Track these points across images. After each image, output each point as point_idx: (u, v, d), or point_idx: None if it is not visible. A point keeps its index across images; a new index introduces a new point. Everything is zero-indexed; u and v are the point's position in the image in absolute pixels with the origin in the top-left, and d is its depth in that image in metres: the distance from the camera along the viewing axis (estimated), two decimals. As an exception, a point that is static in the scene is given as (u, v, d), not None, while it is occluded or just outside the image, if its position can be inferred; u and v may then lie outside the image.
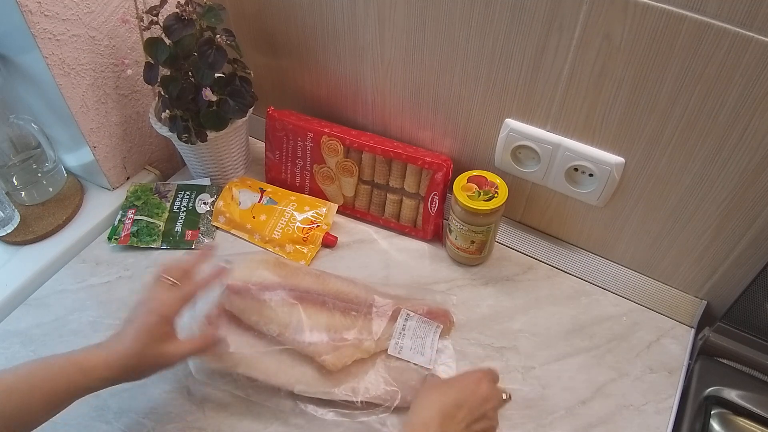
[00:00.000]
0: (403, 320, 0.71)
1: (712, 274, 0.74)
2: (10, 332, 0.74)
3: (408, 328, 0.71)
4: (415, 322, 0.71)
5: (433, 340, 0.71)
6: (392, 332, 0.70)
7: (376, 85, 0.82)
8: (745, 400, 0.67)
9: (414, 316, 0.72)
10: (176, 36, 0.72)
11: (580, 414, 0.67)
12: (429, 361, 0.69)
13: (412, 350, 0.69)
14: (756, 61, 0.54)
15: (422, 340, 0.70)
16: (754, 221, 0.65)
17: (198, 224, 0.86)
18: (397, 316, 0.71)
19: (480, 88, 0.73)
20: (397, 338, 0.70)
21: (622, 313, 0.77)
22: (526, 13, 0.63)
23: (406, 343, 0.70)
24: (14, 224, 0.83)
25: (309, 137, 0.85)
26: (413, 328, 0.71)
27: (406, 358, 0.69)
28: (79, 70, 0.77)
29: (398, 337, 0.70)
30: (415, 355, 0.69)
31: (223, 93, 0.80)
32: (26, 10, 0.67)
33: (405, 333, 0.70)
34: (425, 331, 0.71)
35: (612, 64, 0.61)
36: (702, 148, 0.63)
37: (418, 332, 0.71)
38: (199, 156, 0.87)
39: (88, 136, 0.83)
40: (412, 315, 0.72)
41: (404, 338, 0.70)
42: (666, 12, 0.55)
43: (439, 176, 0.79)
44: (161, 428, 0.65)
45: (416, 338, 0.70)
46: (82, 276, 0.81)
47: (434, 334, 0.71)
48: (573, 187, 0.74)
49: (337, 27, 0.79)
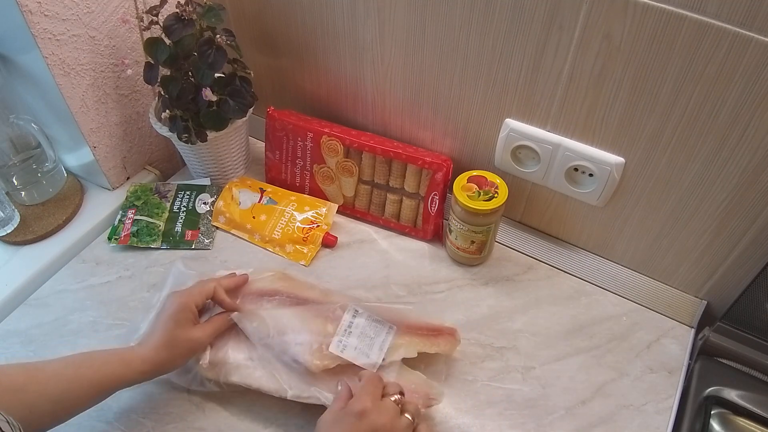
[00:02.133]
0: (350, 316, 0.67)
1: (712, 274, 0.74)
2: (10, 332, 0.74)
3: (356, 325, 0.67)
4: (364, 320, 0.67)
5: (384, 341, 0.66)
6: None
7: (376, 85, 0.82)
8: (745, 400, 0.67)
9: (364, 313, 0.67)
10: (176, 36, 0.72)
11: (580, 414, 0.67)
12: (374, 365, 0.64)
13: (357, 350, 0.65)
14: (756, 61, 0.54)
15: (371, 340, 0.66)
16: (754, 221, 0.65)
17: (198, 224, 0.86)
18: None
19: (480, 88, 0.73)
20: (341, 335, 0.65)
21: (622, 313, 0.77)
22: (526, 13, 0.63)
23: (351, 341, 0.65)
24: (14, 224, 0.83)
25: (309, 137, 0.85)
26: (362, 326, 0.66)
27: (348, 358, 0.64)
28: (79, 70, 0.77)
29: (343, 334, 0.66)
30: (360, 356, 0.64)
31: (223, 93, 0.80)
32: (26, 10, 0.67)
33: (351, 331, 0.66)
34: (376, 331, 0.66)
35: (612, 64, 0.61)
36: (702, 148, 0.63)
37: (367, 331, 0.66)
38: (199, 156, 0.87)
39: (88, 136, 0.83)
40: (361, 312, 0.67)
41: (350, 336, 0.66)
42: (666, 12, 0.55)
43: (439, 176, 0.79)
44: (161, 428, 0.65)
45: (364, 337, 0.66)
46: (82, 276, 0.81)
47: (386, 335, 0.66)
48: (573, 187, 0.74)
49: (337, 27, 0.79)
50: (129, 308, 0.77)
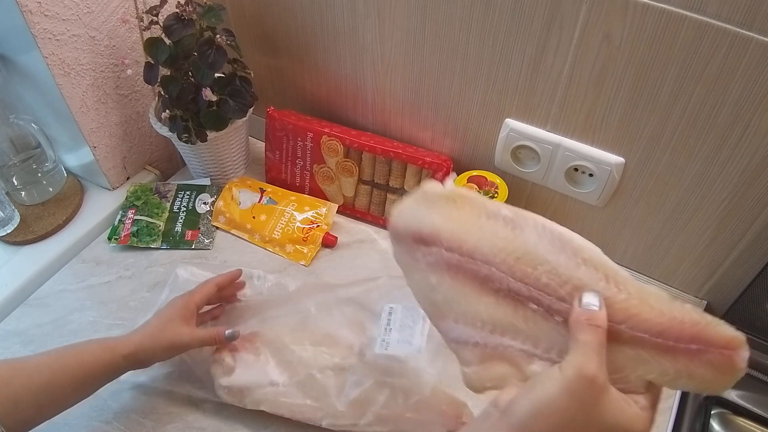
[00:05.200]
0: (386, 315, 0.66)
1: (712, 274, 0.74)
2: (10, 332, 0.74)
3: (393, 321, 0.65)
4: (399, 313, 0.66)
5: (423, 326, 0.64)
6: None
7: (376, 85, 0.82)
8: (745, 400, 0.67)
9: (398, 306, 0.66)
10: (176, 36, 0.73)
11: (580, 414, 0.67)
12: (418, 350, 0.62)
13: (400, 342, 0.63)
14: (756, 61, 0.54)
15: (410, 329, 0.64)
16: (754, 221, 0.65)
17: (198, 224, 0.86)
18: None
19: (480, 88, 0.73)
20: (383, 335, 0.64)
21: (622, 313, 0.77)
22: (526, 13, 0.63)
23: (392, 336, 0.64)
24: (14, 224, 0.83)
25: (309, 137, 0.85)
26: (399, 320, 0.65)
27: (393, 352, 0.62)
28: (79, 70, 0.77)
29: (385, 333, 0.64)
30: (403, 345, 0.63)
31: (223, 93, 0.80)
32: (26, 10, 0.67)
33: (390, 327, 0.65)
34: (413, 319, 0.65)
35: (612, 64, 0.61)
36: (702, 148, 0.63)
37: (405, 321, 0.65)
38: (199, 156, 0.87)
39: (88, 136, 0.83)
40: (395, 307, 0.66)
41: (390, 333, 0.64)
42: (666, 12, 0.55)
43: (439, 176, 0.79)
44: (161, 428, 0.65)
45: (404, 328, 0.64)
46: (82, 276, 0.81)
47: (424, 320, 0.65)
48: (573, 187, 0.74)
49: (337, 27, 0.79)
50: (129, 308, 0.77)
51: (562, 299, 0.36)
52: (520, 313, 0.38)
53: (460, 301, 0.40)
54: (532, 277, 0.37)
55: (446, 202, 0.42)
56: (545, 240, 0.39)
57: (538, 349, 0.37)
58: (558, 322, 0.36)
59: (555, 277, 0.37)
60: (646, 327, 0.35)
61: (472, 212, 0.41)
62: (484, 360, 0.39)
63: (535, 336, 0.37)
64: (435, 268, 0.41)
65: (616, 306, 0.35)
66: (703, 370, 0.35)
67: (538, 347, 0.37)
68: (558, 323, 0.36)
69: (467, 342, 0.40)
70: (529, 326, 0.37)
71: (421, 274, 0.42)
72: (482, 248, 0.39)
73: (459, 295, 0.40)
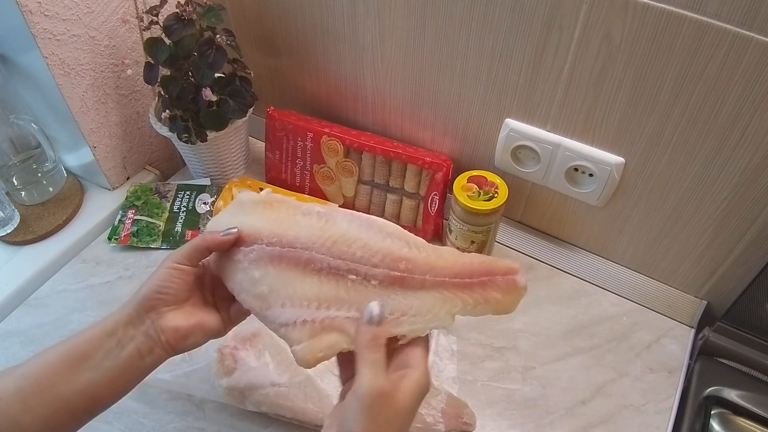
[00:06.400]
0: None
1: (712, 274, 0.74)
2: (10, 332, 0.74)
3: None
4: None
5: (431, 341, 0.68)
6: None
7: (376, 85, 0.82)
8: (745, 400, 0.67)
9: None
10: (176, 36, 0.73)
11: (580, 414, 0.67)
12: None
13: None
14: (756, 61, 0.54)
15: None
16: (754, 221, 0.65)
17: (198, 224, 0.86)
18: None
19: (480, 88, 0.73)
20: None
21: (622, 313, 0.77)
22: (526, 13, 0.63)
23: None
24: (14, 224, 0.83)
25: (309, 137, 0.85)
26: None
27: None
28: (79, 70, 0.77)
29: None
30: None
31: (223, 93, 0.80)
32: (26, 10, 0.67)
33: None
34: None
35: (612, 64, 0.61)
36: (702, 148, 0.63)
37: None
38: (199, 156, 0.87)
39: (88, 136, 0.83)
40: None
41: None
42: (666, 12, 0.55)
43: (439, 176, 0.79)
44: (161, 428, 0.65)
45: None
46: (82, 276, 0.81)
47: (433, 334, 0.68)
48: (573, 187, 0.74)
49: (337, 27, 0.79)
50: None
51: (376, 266, 0.44)
52: (341, 285, 0.45)
53: (287, 286, 0.45)
54: (348, 253, 0.45)
55: (263, 207, 0.48)
56: (355, 224, 0.46)
57: (355, 312, 0.44)
58: (375, 285, 0.44)
59: (367, 250, 0.45)
60: (445, 273, 0.44)
61: (288, 212, 0.48)
62: (314, 334, 0.44)
63: (357, 302, 0.44)
64: (258, 263, 0.46)
65: (419, 261, 0.44)
66: (494, 294, 0.44)
67: (360, 311, 0.43)
68: (375, 286, 0.44)
69: (296, 322, 0.44)
70: (351, 294, 0.44)
71: (244, 273, 0.47)
72: (301, 238, 0.46)
73: (284, 281, 0.45)
